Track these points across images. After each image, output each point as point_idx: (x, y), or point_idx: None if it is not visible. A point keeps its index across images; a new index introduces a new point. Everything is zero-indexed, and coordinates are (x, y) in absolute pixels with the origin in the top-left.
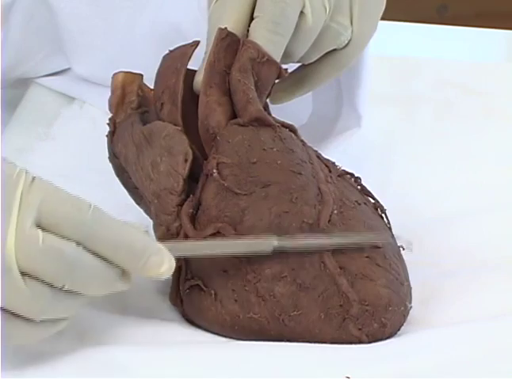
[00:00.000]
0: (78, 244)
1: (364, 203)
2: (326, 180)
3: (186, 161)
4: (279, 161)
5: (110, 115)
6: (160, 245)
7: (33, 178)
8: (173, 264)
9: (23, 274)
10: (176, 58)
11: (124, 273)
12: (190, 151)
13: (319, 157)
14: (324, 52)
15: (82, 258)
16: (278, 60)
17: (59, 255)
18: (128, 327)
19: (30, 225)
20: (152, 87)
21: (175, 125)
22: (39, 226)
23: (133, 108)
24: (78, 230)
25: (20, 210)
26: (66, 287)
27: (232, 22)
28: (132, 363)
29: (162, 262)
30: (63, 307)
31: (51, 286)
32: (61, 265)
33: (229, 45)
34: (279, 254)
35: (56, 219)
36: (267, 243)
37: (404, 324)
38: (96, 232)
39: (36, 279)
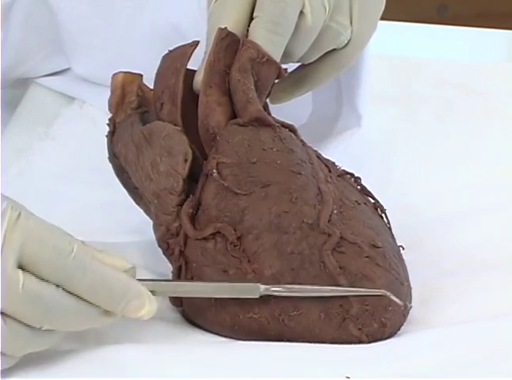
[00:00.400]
0: (58, 286)
1: (364, 203)
2: (326, 180)
3: (186, 161)
4: (279, 161)
5: (110, 115)
6: (141, 288)
7: (19, 214)
8: (154, 307)
9: (3, 314)
10: (176, 58)
11: (106, 312)
12: (190, 151)
13: (318, 157)
14: (324, 52)
15: (61, 301)
16: (278, 60)
17: (37, 299)
18: (128, 327)
19: (11, 266)
20: (152, 87)
21: (175, 125)
22: (20, 265)
23: (133, 108)
24: (57, 273)
25: (2, 250)
26: (44, 328)
27: (232, 22)
28: (132, 363)
29: (143, 306)
30: (42, 343)
31: (29, 327)
32: (39, 308)
33: (229, 45)
34: (278, 254)
35: (37, 261)
36: (253, 288)
37: (404, 324)
38: (75, 276)
39: (16, 319)
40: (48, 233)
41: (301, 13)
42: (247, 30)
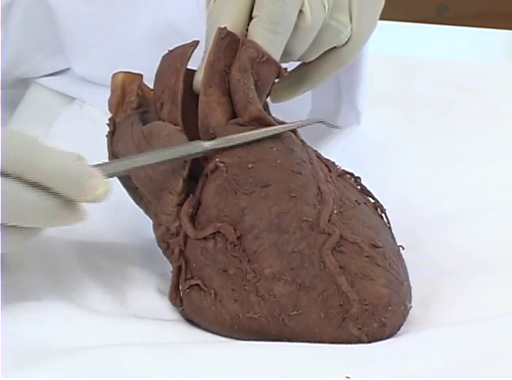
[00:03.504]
0: (19, 178)
1: (364, 203)
2: (325, 180)
3: (186, 161)
4: (279, 161)
5: (110, 115)
6: (94, 170)
7: None
8: (110, 187)
9: None
10: (175, 58)
11: (67, 203)
12: None
13: (318, 156)
14: (324, 50)
15: (22, 193)
16: (278, 59)
17: (2, 194)
18: (128, 327)
19: None
20: (152, 87)
21: (175, 125)
22: None
23: (133, 108)
24: (16, 163)
25: None
26: (11, 224)
27: (231, 22)
28: (132, 363)
29: (98, 185)
30: (12, 241)
31: None
32: (3, 204)
33: (229, 45)
34: (278, 254)
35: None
36: (197, 145)
37: (404, 324)
38: (33, 163)
39: None
40: (9, 131)
41: (300, 11)
42: (247, 29)
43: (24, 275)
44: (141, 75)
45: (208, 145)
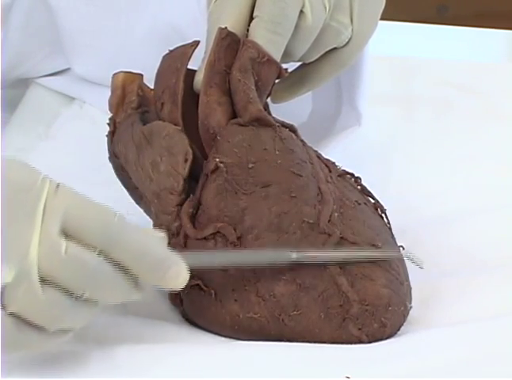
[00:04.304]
0: (101, 252)
1: (364, 203)
2: (326, 180)
3: (186, 160)
4: (279, 161)
5: (110, 115)
6: (178, 257)
7: (58, 184)
8: (188, 275)
9: (42, 281)
10: (176, 58)
11: (137, 283)
12: (190, 151)
13: (319, 157)
14: (324, 51)
15: (103, 268)
16: (278, 60)
17: (80, 265)
18: (128, 327)
19: (55, 232)
20: (152, 87)
21: (175, 125)
22: (63, 232)
23: (133, 108)
24: (102, 238)
25: (44, 216)
26: (84, 296)
27: (232, 22)
28: (132, 363)
29: (180, 273)
30: (78, 317)
31: (69, 294)
32: (82, 275)
33: (229, 45)
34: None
35: (81, 226)
36: (285, 255)
37: (404, 324)
38: (119, 241)
39: (55, 287)
40: (90, 200)
41: (301, 12)
42: (247, 30)
43: None
44: (141, 75)
45: (295, 256)
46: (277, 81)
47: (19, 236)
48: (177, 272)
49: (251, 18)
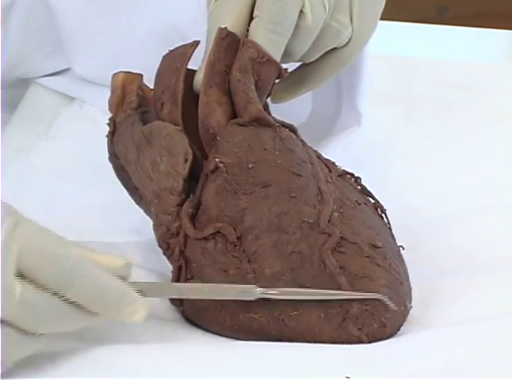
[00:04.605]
0: (55, 293)
1: (364, 203)
2: (326, 180)
3: (186, 160)
4: (279, 161)
5: (110, 115)
6: (136, 295)
7: (16, 222)
8: (147, 311)
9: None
10: (176, 58)
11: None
12: (190, 151)
13: (319, 157)
14: (324, 51)
15: (57, 308)
16: (278, 60)
17: (33, 307)
18: (128, 327)
19: (11, 274)
20: (152, 87)
21: (175, 125)
22: (20, 273)
23: (133, 108)
24: (56, 280)
25: (2, 258)
26: (38, 333)
27: (232, 22)
28: (132, 363)
29: (136, 311)
30: (33, 347)
31: (23, 332)
32: (35, 316)
33: (229, 45)
34: (278, 254)
35: (35, 270)
36: (251, 292)
37: (404, 324)
38: (74, 283)
39: (10, 326)
40: (46, 242)
41: (301, 12)
42: (247, 30)
43: None
44: (141, 75)
45: (260, 291)
46: (277, 81)
47: None
48: (133, 310)
49: (251, 18)
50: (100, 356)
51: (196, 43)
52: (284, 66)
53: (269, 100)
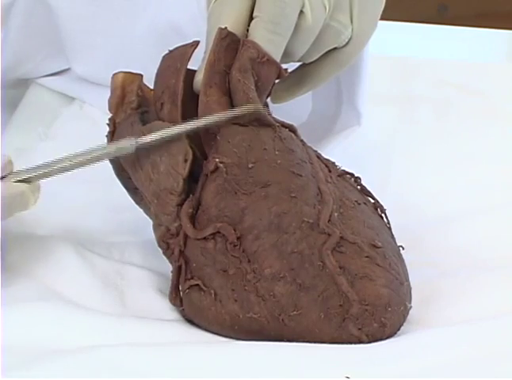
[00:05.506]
0: None
1: (364, 203)
2: (326, 180)
3: (186, 161)
4: (279, 161)
5: (110, 115)
6: (23, 187)
7: None
8: (38, 194)
9: None
10: (176, 58)
11: None
12: (190, 151)
13: (318, 157)
14: (324, 51)
15: None
16: (278, 60)
17: None
18: (128, 327)
19: None
20: (152, 87)
21: (175, 125)
22: None
23: (133, 108)
24: None
25: None
26: None
27: (232, 22)
28: (132, 363)
29: (29, 201)
30: None
31: None
32: None
33: (229, 45)
34: (278, 254)
35: None
36: (128, 144)
37: (404, 324)
38: None
39: None
40: None
41: (301, 12)
42: (247, 30)
43: (23, 275)
44: (141, 75)
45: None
46: (276, 81)
47: None
48: (26, 203)
49: (251, 18)
50: (99, 356)
51: (196, 43)
52: (284, 66)
53: (269, 100)
